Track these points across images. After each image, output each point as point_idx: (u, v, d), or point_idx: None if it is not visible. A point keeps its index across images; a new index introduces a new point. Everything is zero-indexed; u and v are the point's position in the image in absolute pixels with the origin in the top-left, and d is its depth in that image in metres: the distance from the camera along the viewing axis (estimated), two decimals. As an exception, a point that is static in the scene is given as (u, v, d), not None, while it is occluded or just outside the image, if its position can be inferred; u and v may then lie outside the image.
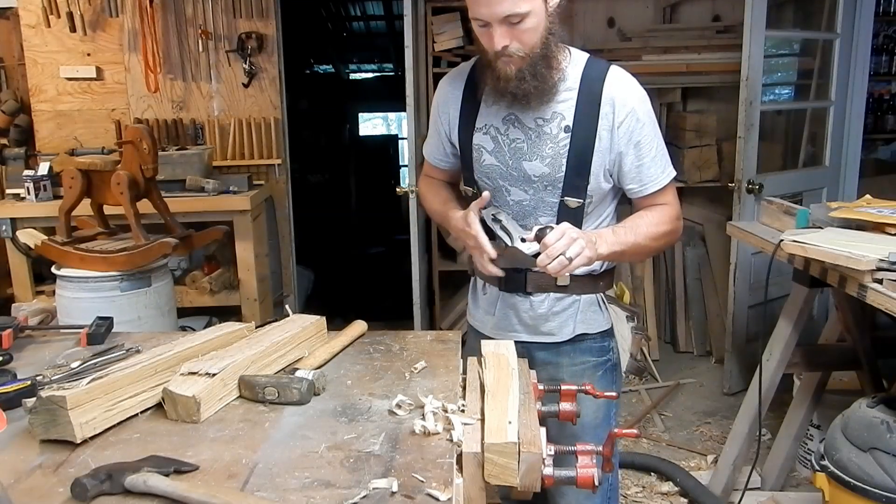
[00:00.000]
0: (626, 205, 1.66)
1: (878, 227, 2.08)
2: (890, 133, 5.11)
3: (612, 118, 1.48)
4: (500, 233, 1.45)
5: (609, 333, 1.66)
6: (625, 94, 1.49)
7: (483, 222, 1.49)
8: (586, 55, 1.55)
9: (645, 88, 1.56)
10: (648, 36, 4.11)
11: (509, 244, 1.43)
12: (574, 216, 1.53)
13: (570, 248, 1.36)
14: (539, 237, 1.39)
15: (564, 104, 1.50)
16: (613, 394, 1.42)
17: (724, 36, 4.03)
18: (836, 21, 3.48)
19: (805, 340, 2.52)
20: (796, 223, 2.34)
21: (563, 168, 1.51)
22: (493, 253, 1.47)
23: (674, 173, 1.57)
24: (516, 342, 1.50)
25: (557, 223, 1.53)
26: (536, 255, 1.39)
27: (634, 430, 1.29)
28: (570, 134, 1.49)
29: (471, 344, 1.70)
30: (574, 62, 1.52)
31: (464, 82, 1.60)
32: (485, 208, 1.50)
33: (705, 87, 4.18)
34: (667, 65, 3.95)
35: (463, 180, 1.70)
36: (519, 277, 1.59)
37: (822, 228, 2.20)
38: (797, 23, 4.01)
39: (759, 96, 3.30)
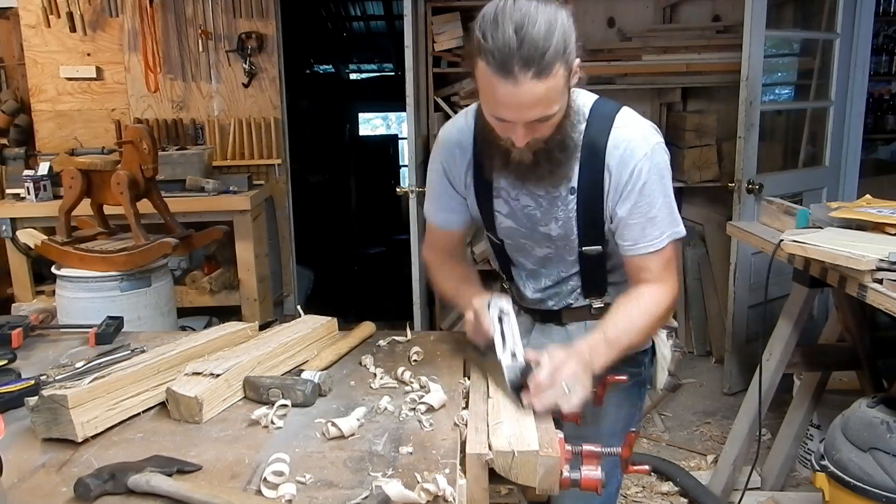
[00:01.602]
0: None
1: (878, 227, 2.08)
2: (890, 133, 5.11)
3: (612, 177, 1.38)
4: (497, 336, 1.31)
5: (645, 352, 1.59)
6: (627, 153, 1.36)
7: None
8: (592, 100, 1.41)
9: (645, 88, 1.47)
10: (648, 36, 4.11)
11: (498, 354, 1.29)
12: (596, 260, 1.49)
13: (561, 390, 1.22)
14: (525, 374, 1.24)
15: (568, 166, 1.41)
16: (623, 377, 1.36)
17: (724, 36, 4.03)
18: (836, 21, 3.49)
19: (805, 340, 2.52)
20: (796, 223, 2.34)
21: (575, 228, 1.44)
22: (481, 339, 1.37)
23: (675, 237, 1.41)
24: None
25: (580, 270, 1.51)
26: (517, 384, 1.25)
27: (646, 467, 1.23)
28: (576, 195, 1.41)
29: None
30: (580, 117, 1.39)
31: (471, 145, 1.47)
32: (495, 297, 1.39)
33: (705, 87, 4.19)
34: (667, 65, 3.95)
35: (487, 231, 1.59)
36: (555, 313, 1.57)
37: (822, 228, 2.20)
38: (797, 23, 4.01)
39: (759, 96, 3.30)
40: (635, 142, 1.36)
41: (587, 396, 1.26)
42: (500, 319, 1.32)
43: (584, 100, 1.40)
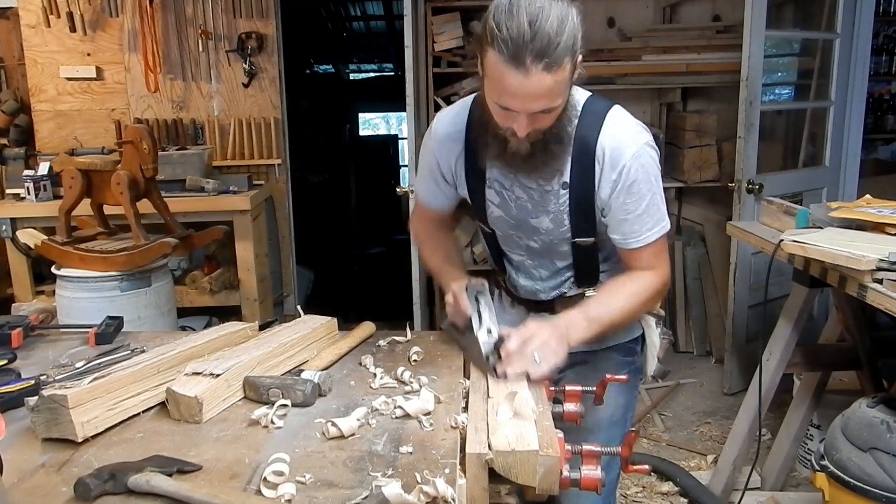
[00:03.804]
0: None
1: (878, 227, 2.08)
2: (890, 133, 5.11)
3: (602, 173, 1.41)
4: (474, 315, 1.42)
5: (637, 340, 1.65)
6: (617, 152, 1.39)
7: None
8: (585, 97, 1.44)
9: (645, 88, 1.50)
10: (648, 36, 4.11)
11: (475, 331, 1.39)
12: (589, 251, 1.53)
13: (530, 359, 1.30)
14: (499, 348, 1.34)
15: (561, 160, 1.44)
16: (623, 377, 1.40)
17: (724, 36, 4.03)
18: (836, 21, 3.49)
19: (805, 340, 2.52)
20: (796, 223, 2.34)
21: (567, 222, 1.48)
22: (461, 319, 1.46)
23: (662, 232, 1.46)
24: None
25: (573, 261, 1.55)
26: (491, 357, 1.35)
27: (646, 467, 1.25)
28: (568, 190, 1.45)
29: None
30: (574, 113, 1.42)
31: (463, 134, 1.51)
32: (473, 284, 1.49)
33: (705, 87, 4.19)
34: (667, 65, 3.95)
35: (479, 221, 1.63)
36: (546, 303, 1.61)
37: (822, 228, 2.20)
38: (797, 23, 4.01)
39: (759, 96, 3.30)
40: (625, 142, 1.40)
41: (559, 365, 1.33)
42: (477, 300, 1.44)
43: (578, 96, 1.43)
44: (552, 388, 1.35)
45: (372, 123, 10.88)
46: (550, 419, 1.19)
